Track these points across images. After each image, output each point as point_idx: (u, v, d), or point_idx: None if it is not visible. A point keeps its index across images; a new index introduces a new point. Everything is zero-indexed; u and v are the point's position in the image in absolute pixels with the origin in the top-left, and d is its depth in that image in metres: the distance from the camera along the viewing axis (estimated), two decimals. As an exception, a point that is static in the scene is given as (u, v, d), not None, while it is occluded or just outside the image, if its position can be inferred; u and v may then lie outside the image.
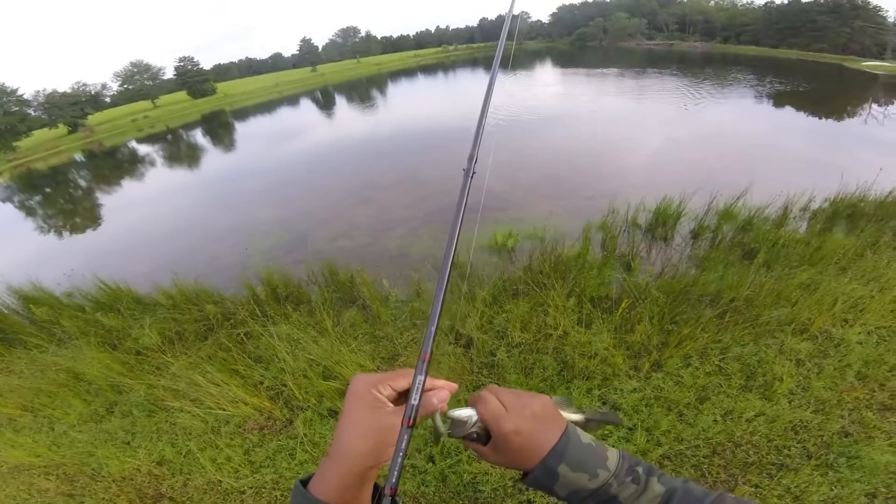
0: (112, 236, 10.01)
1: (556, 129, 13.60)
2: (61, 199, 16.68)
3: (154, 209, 11.50)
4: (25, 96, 43.50)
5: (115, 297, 5.04)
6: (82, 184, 19.92)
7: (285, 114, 33.02)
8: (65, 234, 11.50)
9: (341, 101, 34.34)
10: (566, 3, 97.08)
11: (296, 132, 20.61)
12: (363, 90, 40.10)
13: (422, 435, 2.67)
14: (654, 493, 0.55)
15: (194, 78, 58.01)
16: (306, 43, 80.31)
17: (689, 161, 9.25)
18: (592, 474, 0.55)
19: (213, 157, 19.35)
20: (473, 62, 58.00)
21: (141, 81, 59.28)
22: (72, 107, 45.75)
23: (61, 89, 48.00)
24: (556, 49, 73.73)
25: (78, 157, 30.03)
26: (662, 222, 5.51)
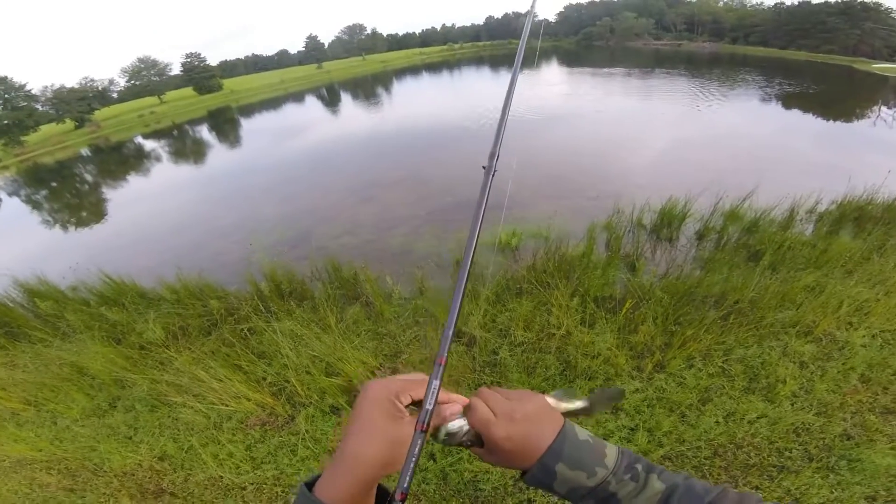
0: (117, 230, 10.08)
1: (561, 128, 13.55)
2: (67, 194, 16.80)
3: (159, 204, 11.56)
4: (33, 91, 43.84)
5: (119, 291, 5.06)
6: (88, 178, 20.06)
7: (291, 110, 33.03)
8: (70, 228, 11.57)
9: (346, 99, 34.32)
10: (573, 2, 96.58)
11: (300, 129, 20.61)
12: (368, 88, 40.05)
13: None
14: (654, 491, 0.54)
15: (201, 74, 58.26)
16: (312, 40, 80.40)
17: (696, 162, 9.19)
18: (590, 472, 0.55)
19: (219, 153, 19.40)
20: (479, 61, 57.71)
21: (148, 77, 59.62)
22: (79, 102, 46.01)
23: (69, 85, 48.34)
24: (563, 48, 73.26)
25: (84, 151, 30.25)
26: (667, 223, 5.48)
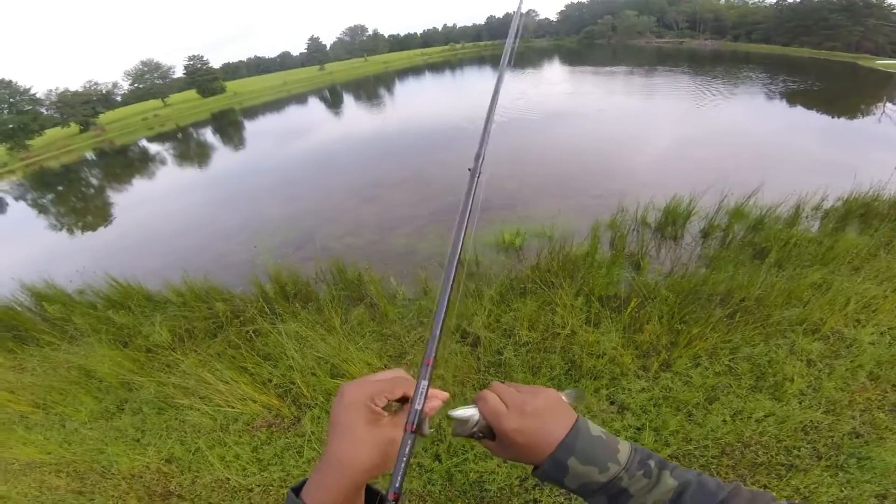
0: (123, 233, 10.15)
1: (564, 127, 13.54)
2: (73, 198, 16.91)
3: (164, 207, 11.64)
4: (38, 95, 44.01)
5: (126, 294, 5.09)
6: (94, 182, 20.19)
7: (294, 112, 33.11)
8: (76, 231, 11.66)
9: (349, 100, 34.37)
10: (574, 0, 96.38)
11: (304, 130, 20.69)
12: (370, 88, 40.12)
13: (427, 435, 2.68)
14: (667, 487, 0.54)
15: (204, 77, 58.51)
16: (314, 41, 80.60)
17: (701, 160, 9.15)
18: (602, 468, 0.55)
19: (223, 156, 19.49)
20: (480, 60, 57.81)
21: (151, 80, 59.87)
22: (83, 106, 46.16)
23: (73, 88, 48.54)
24: (565, 47, 73.29)
25: (89, 155, 30.43)
26: (672, 221, 5.46)
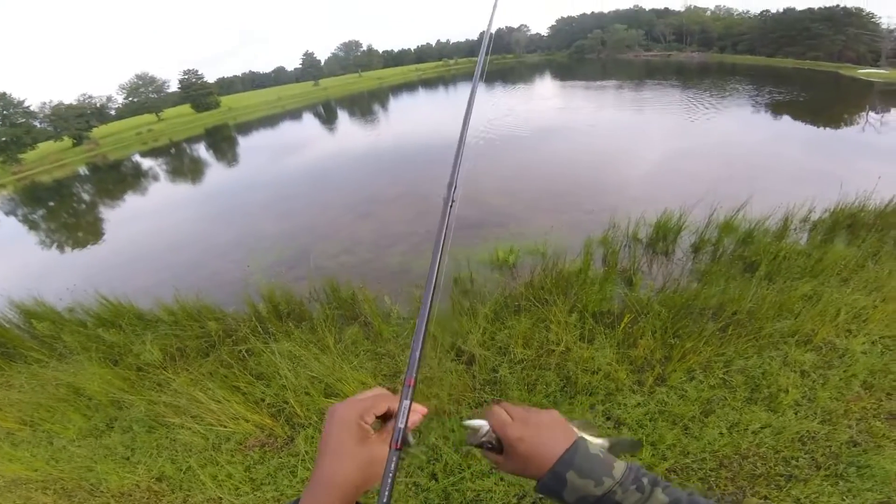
0: (115, 250, 10.07)
1: (556, 142, 13.69)
2: (65, 213, 16.81)
3: (156, 222, 11.59)
4: (32, 108, 43.54)
5: (116, 312, 5.05)
6: (86, 197, 20.09)
7: (288, 128, 33.24)
8: (67, 248, 11.55)
9: (343, 116, 34.54)
10: (564, 15, 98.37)
11: (298, 146, 20.75)
12: (365, 104, 40.36)
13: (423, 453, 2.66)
14: (658, 502, 0.57)
15: (198, 91, 58.50)
16: (309, 57, 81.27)
17: (690, 172, 9.29)
18: (598, 481, 0.59)
19: (216, 171, 19.52)
20: (473, 75, 58.41)
21: (146, 94, 59.72)
22: (77, 119, 45.78)
23: (68, 101, 48.26)
24: (556, 62, 74.35)
25: (82, 170, 30.32)
26: (663, 236, 5.51)
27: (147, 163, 27.21)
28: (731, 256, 4.90)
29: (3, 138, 39.43)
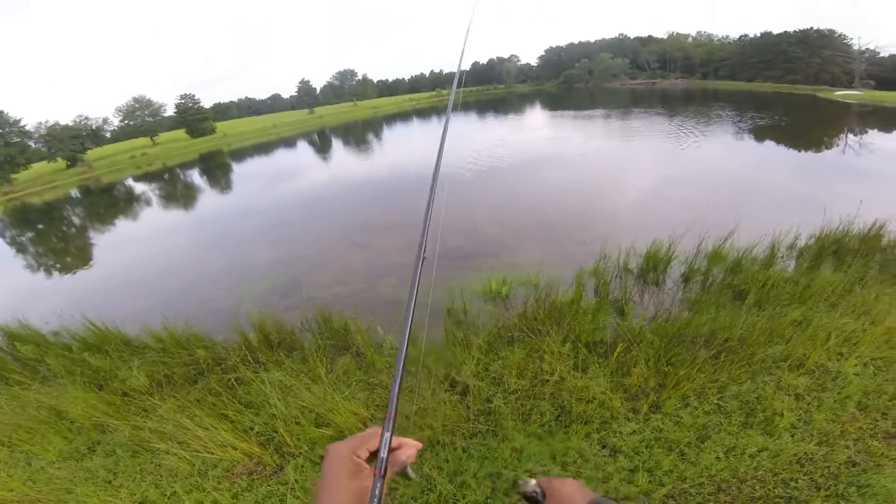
0: (103, 275, 9.94)
1: (546, 172, 13.77)
2: (54, 237, 16.62)
3: (147, 248, 11.50)
4: (28, 127, 42.65)
5: (103, 337, 4.99)
6: (76, 221, 19.93)
7: (282, 155, 33.22)
8: (55, 272, 11.38)
9: (338, 144, 34.71)
10: (553, 45, 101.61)
11: (292, 173, 20.83)
12: (359, 133, 40.68)
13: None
14: None
15: (194, 116, 58.45)
16: (305, 85, 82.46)
17: (678, 200, 9.45)
18: None
19: (209, 197, 19.47)
20: (466, 105, 59.28)
21: (142, 117, 59.29)
22: (72, 140, 45.21)
23: (64, 122, 47.23)
24: (545, 91, 76.23)
25: (74, 192, 30.15)
26: (653, 267, 5.53)
27: (140, 187, 27.16)
28: (720, 285, 4.95)
29: (-2, 157, 38.54)
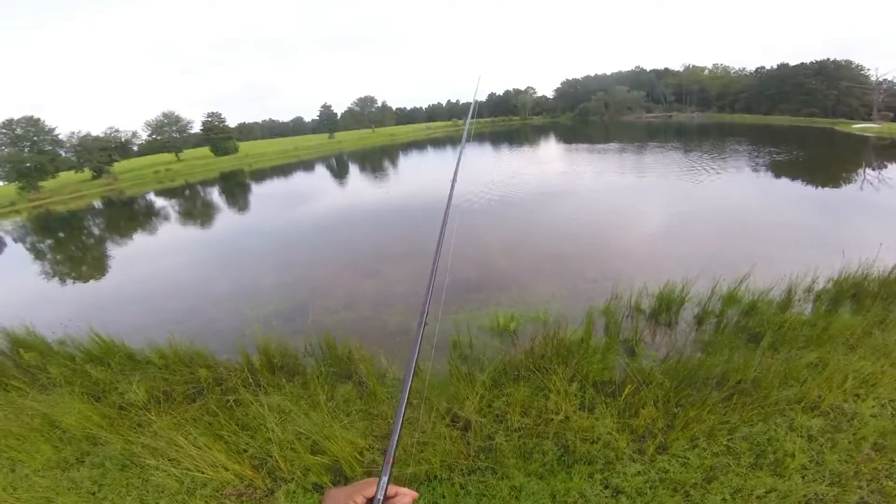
0: (116, 287, 10.09)
1: (559, 206, 13.62)
2: (73, 247, 17.01)
3: (161, 263, 11.64)
4: (60, 136, 43.51)
5: (107, 350, 5.02)
6: (96, 231, 20.42)
7: (301, 178, 33.70)
8: (69, 280, 11.59)
9: (354, 170, 35.08)
10: (569, 77, 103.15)
11: (309, 196, 21.11)
12: (376, 159, 41.11)
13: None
14: None
15: (219, 135, 60.07)
16: (326, 109, 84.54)
17: (693, 238, 9.26)
18: None
19: (227, 216, 19.77)
20: (480, 136, 59.45)
21: (169, 133, 60.34)
22: (101, 152, 46.11)
23: (95, 132, 48.24)
24: (560, 124, 76.41)
25: (97, 203, 31.00)
26: (666, 308, 5.36)
27: (160, 202, 27.84)
28: (734, 327, 4.79)
29: (28, 164, 39.39)
